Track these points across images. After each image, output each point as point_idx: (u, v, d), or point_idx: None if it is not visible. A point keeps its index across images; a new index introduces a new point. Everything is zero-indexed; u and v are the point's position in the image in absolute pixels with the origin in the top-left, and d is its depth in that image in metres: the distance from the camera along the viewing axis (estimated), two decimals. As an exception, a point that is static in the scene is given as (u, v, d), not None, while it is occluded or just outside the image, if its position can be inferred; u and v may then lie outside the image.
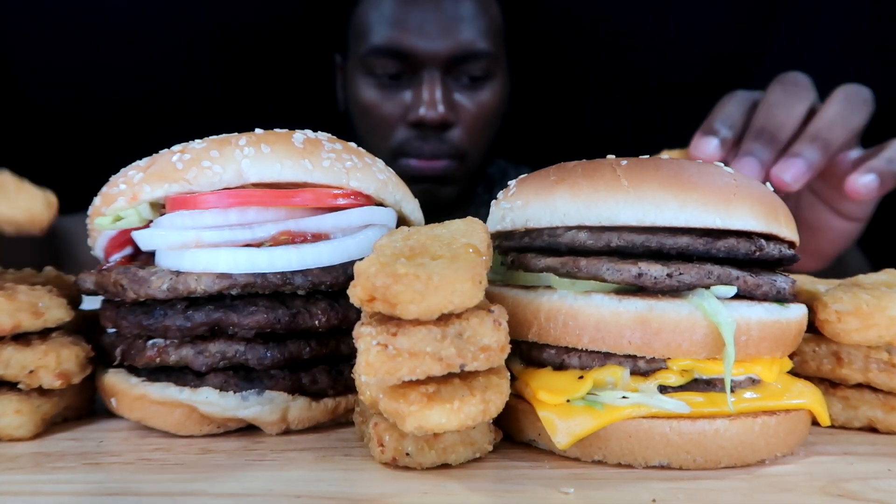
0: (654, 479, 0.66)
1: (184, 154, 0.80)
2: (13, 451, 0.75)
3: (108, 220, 0.83)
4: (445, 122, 1.80)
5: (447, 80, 1.81)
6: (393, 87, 1.84)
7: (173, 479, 0.67)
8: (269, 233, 0.80)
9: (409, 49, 1.77)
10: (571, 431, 0.68)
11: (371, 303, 0.60)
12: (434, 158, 1.84)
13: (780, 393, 0.72)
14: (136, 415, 0.80)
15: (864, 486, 0.64)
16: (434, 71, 1.78)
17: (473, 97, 1.85)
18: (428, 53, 1.77)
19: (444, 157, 1.85)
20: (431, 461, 0.67)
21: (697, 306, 0.67)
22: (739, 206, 0.69)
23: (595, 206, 0.69)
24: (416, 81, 1.81)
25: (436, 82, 1.78)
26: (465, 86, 1.84)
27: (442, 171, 1.86)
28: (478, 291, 0.60)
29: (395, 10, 1.81)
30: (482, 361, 0.62)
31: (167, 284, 0.77)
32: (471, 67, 1.81)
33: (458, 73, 1.82)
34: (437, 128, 1.80)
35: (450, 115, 1.79)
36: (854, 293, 0.77)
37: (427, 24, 1.79)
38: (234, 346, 0.78)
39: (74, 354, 0.79)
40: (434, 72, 1.78)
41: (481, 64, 1.82)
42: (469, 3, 1.83)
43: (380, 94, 1.85)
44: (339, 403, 0.82)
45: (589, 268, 0.69)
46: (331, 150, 0.83)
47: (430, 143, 1.82)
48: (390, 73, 1.82)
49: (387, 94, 1.84)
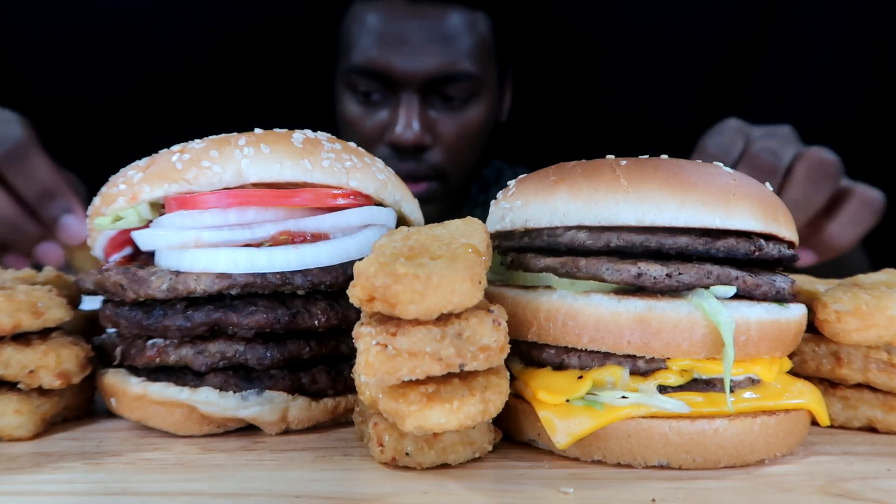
0: (654, 479, 0.66)
1: (183, 154, 0.80)
2: (13, 451, 0.75)
3: (107, 220, 0.83)
4: (420, 146, 1.79)
5: (428, 100, 1.80)
6: (372, 105, 1.84)
7: (173, 479, 0.67)
8: (268, 233, 0.80)
9: (387, 70, 1.76)
10: (571, 431, 0.68)
11: (370, 303, 0.60)
12: (411, 180, 1.83)
13: (779, 393, 0.72)
14: (136, 415, 0.80)
15: (864, 486, 0.64)
16: (412, 93, 1.77)
17: (455, 118, 1.83)
18: (407, 74, 1.76)
19: (422, 179, 1.84)
20: (431, 461, 0.67)
21: (697, 306, 0.67)
22: (739, 207, 0.69)
23: (595, 206, 0.69)
24: (394, 102, 1.80)
25: (413, 105, 1.77)
26: (447, 106, 1.82)
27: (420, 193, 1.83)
28: (477, 291, 0.60)
29: (377, 26, 1.80)
30: (482, 361, 0.62)
31: (167, 284, 0.77)
32: (452, 88, 1.79)
33: (439, 94, 1.80)
34: (412, 150, 1.80)
35: (425, 137, 1.78)
36: (854, 293, 0.77)
37: (408, 44, 1.77)
38: (233, 346, 0.78)
39: (74, 354, 0.79)
40: (412, 94, 1.77)
41: (463, 85, 1.80)
42: (455, 22, 1.80)
43: (361, 110, 1.85)
44: (339, 403, 0.82)
45: (588, 268, 0.69)
46: (330, 149, 0.83)
47: (406, 164, 1.81)
48: (370, 91, 1.81)
49: (367, 112, 1.84)
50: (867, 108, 2.07)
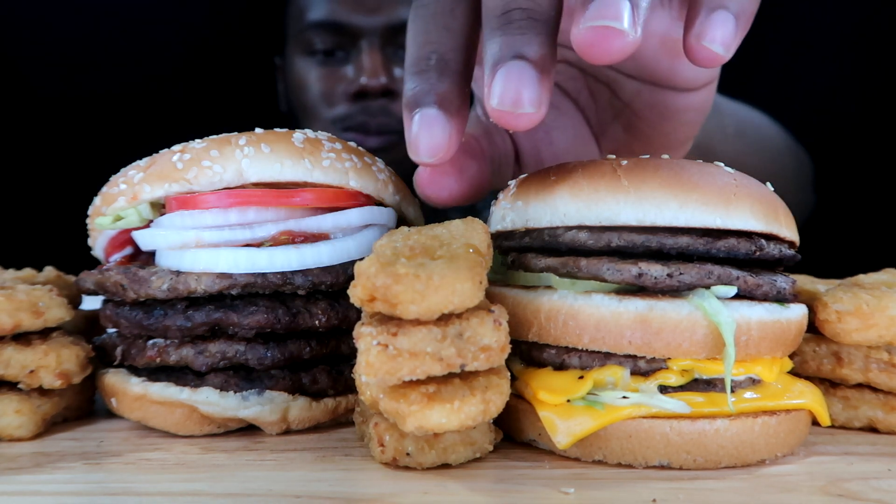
0: (655, 479, 0.66)
1: (184, 154, 0.80)
2: (13, 451, 0.75)
3: (108, 220, 0.83)
4: (388, 90, 1.80)
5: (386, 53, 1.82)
6: (333, 64, 1.86)
7: (173, 479, 0.67)
8: (269, 233, 0.80)
9: (346, 21, 1.80)
10: (572, 431, 0.68)
11: (371, 303, 0.60)
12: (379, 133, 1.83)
13: (780, 393, 0.72)
14: (137, 415, 0.80)
15: (865, 486, 0.64)
16: (374, 39, 1.80)
17: None
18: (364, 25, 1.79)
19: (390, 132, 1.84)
20: (432, 461, 0.67)
21: (698, 306, 0.67)
22: (740, 206, 0.69)
23: (595, 206, 0.69)
24: (355, 54, 1.82)
25: (376, 51, 1.79)
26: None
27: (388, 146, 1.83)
28: (478, 291, 0.60)
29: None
30: (482, 361, 0.62)
31: (167, 284, 0.77)
32: None
33: (398, 46, 1.82)
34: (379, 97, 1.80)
35: (392, 83, 1.79)
36: (854, 293, 0.77)
37: None
38: (234, 346, 0.78)
39: (75, 354, 0.79)
40: (374, 40, 1.80)
41: None
42: None
43: (320, 70, 1.87)
44: (340, 403, 0.82)
45: (589, 268, 0.69)
46: (331, 149, 0.83)
47: (375, 118, 1.82)
48: (329, 47, 1.84)
49: (327, 71, 1.86)
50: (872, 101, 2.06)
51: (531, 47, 0.62)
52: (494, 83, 0.62)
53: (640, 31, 0.60)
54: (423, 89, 0.68)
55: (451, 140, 0.68)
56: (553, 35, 0.65)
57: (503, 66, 0.62)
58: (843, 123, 2.03)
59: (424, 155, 0.68)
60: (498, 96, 0.62)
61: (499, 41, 0.63)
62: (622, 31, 0.59)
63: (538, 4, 0.64)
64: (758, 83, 2.14)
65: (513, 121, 0.63)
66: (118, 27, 2.21)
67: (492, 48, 0.63)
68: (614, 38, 0.59)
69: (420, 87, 0.68)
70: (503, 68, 0.62)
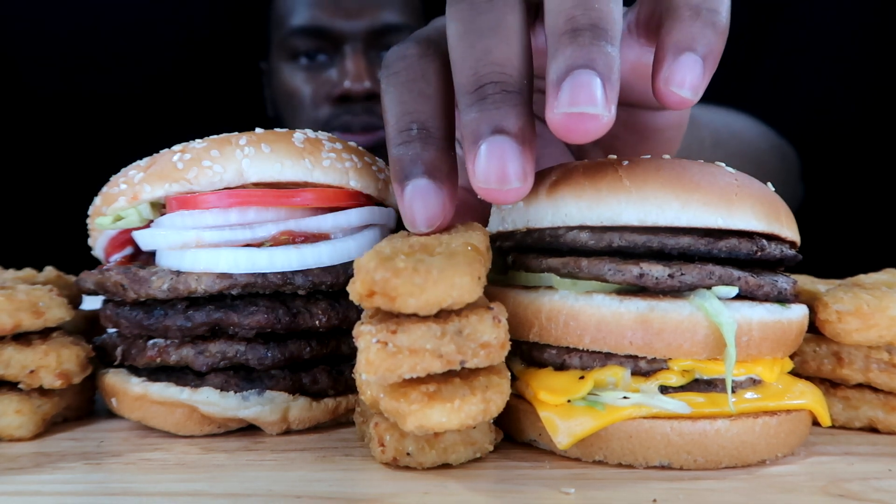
0: (655, 480, 0.66)
1: (184, 154, 0.80)
2: (13, 451, 0.75)
3: (108, 220, 0.83)
4: (371, 94, 1.81)
5: (369, 56, 1.84)
6: (316, 69, 1.88)
7: (173, 479, 0.67)
8: (269, 233, 0.80)
9: (328, 27, 1.82)
10: (572, 432, 0.68)
11: (370, 297, 0.60)
12: (365, 132, 1.85)
13: (780, 393, 0.72)
14: (137, 415, 0.80)
15: (865, 487, 0.64)
16: (357, 44, 1.82)
17: None
18: (347, 29, 1.81)
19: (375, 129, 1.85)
20: (432, 461, 0.67)
21: (699, 307, 0.67)
22: (741, 207, 0.69)
23: (597, 207, 0.69)
24: (338, 59, 1.84)
25: (359, 56, 1.82)
26: None
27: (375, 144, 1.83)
28: (476, 286, 0.60)
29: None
30: (482, 358, 0.62)
31: (167, 284, 0.77)
32: (394, 41, 1.82)
33: (381, 49, 1.85)
34: (363, 100, 1.82)
35: (376, 87, 1.81)
36: (855, 293, 0.77)
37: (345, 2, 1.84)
38: (234, 346, 0.78)
39: (75, 354, 0.79)
40: (357, 45, 1.82)
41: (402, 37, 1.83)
42: None
43: (303, 75, 1.89)
44: (340, 403, 0.82)
45: (591, 268, 0.69)
46: (331, 149, 0.83)
47: (358, 117, 1.84)
48: (312, 51, 1.86)
49: (311, 76, 1.88)
50: (870, 103, 2.06)
51: (509, 120, 0.62)
52: (478, 161, 0.62)
53: (613, 109, 0.61)
54: (410, 160, 0.68)
55: (446, 207, 0.68)
56: (528, 104, 0.65)
57: (484, 142, 0.62)
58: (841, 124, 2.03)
59: (422, 226, 0.68)
60: (482, 174, 0.62)
61: (476, 117, 0.63)
62: (596, 115, 0.60)
63: (509, 76, 0.64)
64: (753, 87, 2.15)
65: (500, 196, 0.63)
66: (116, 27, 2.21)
67: (470, 125, 0.63)
68: (589, 122, 0.60)
69: (407, 159, 0.68)
70: (484, 144, 0.62)
